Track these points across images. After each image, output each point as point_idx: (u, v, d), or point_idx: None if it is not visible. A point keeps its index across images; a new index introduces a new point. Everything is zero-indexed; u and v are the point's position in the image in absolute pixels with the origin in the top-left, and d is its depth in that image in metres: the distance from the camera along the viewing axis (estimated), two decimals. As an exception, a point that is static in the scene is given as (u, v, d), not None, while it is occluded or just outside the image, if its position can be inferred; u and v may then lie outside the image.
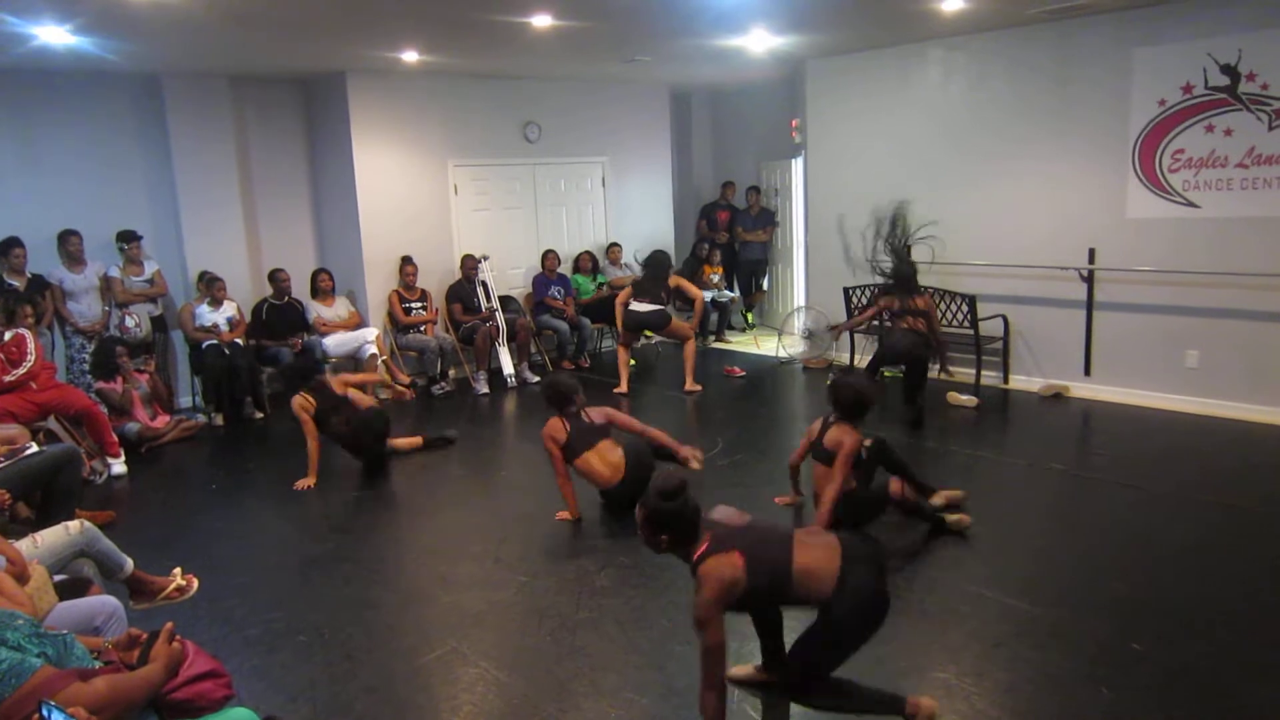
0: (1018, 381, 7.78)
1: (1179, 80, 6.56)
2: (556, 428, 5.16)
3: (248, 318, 7.95)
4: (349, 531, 5.21)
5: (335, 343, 8.07)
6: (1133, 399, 7.03)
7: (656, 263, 8.20)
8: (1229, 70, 6.32)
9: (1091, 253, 7.15)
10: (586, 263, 9.76)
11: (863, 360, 8.63)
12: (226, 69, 7.82)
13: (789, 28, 6.96)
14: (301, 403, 6.04)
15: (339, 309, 8.37)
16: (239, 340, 7.69)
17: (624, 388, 8.02)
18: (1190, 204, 6.62)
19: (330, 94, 8.37)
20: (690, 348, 8.15)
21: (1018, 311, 7.69)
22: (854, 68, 8.45)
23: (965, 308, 7.62)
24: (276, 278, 8.01)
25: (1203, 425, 6.46)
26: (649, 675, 3.52)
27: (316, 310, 8.23)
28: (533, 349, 9.09)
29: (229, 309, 7.77)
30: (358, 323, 8.38)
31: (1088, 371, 7.34)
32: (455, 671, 3.60)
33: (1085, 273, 7.20)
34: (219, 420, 7.57)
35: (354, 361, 8.27)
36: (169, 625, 2.57)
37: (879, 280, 7.23)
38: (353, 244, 8.54)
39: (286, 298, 8.04)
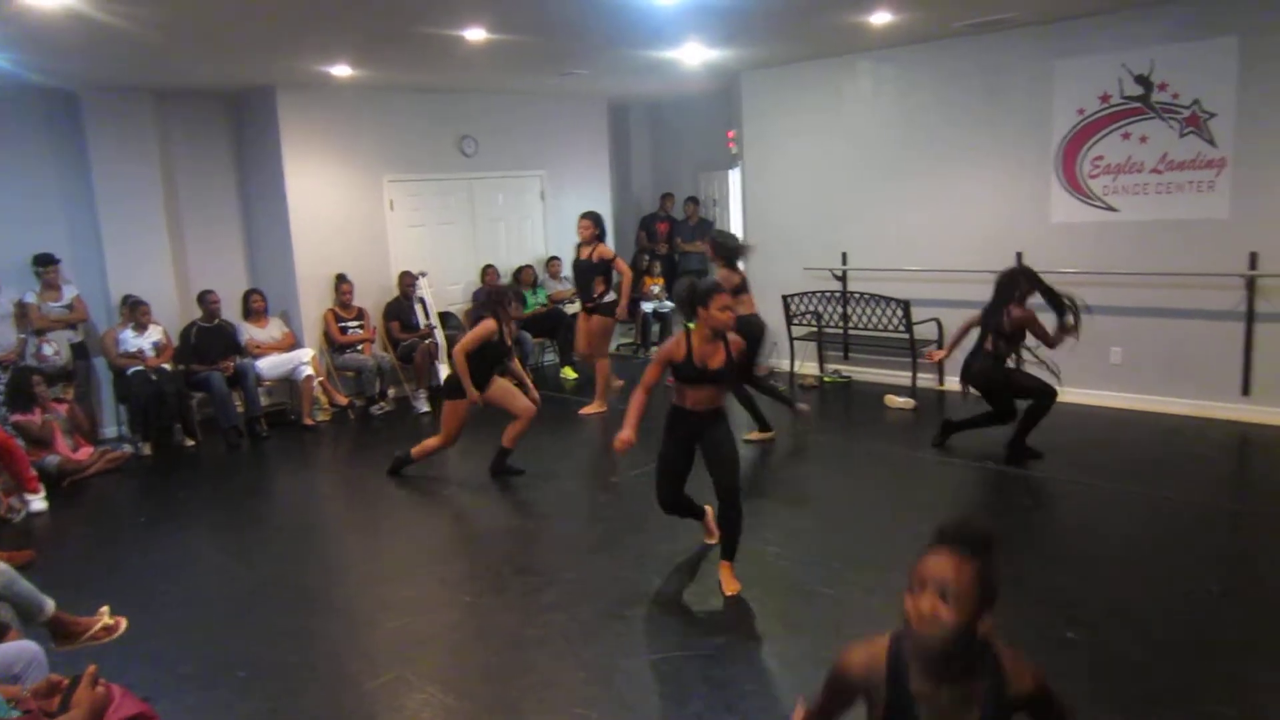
0: (952, 383, 7.92)
1: (1097, 90, 6.78)
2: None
3: (175, 342, 7.74)
4: (287, 559, 5.09)
5: (269, 365, 7.91)
6: (1061, 395, 7.21)
7: None
8: (1143, 80, 6.56)
9: (1019, 256, 7.32)
10: (528, 277, 9.72)
11: (804, 367, 8.74)
12: (149, 84, 7.62)
13: (723, 41, 7.03)
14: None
15: (272, 330, 8.20)
16: (166, 366, 7.48)
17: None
18: (1110, 208, 6.84)
19: (260, 109, 8.21)
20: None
21: (951, 315, 7.84)
22: (788, 79, 8.57)
23: (899, 312, 7.76)
24: (206, 299, 7.82)
25: (1127, 418, 6.67)
26: (597, 690, 3.50)
27: (249, 332, 8.05)
28: (473, 365, 8.99)
29: (155, 333, 7.55)
30: (292, 343, 8.21)
31: (1019, 373, 7.52)
32: (402, 698, 3.54)
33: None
34: (147, 450, 7.33)
35: (289, 384, 8.11)
36: (91, 668, 2.45)
37: (823, 289, 7.31)
38: (285, 263, 8.38)
39: (217, 320, 7.84)
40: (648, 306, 10.36)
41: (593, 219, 7.57)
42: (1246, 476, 5.87)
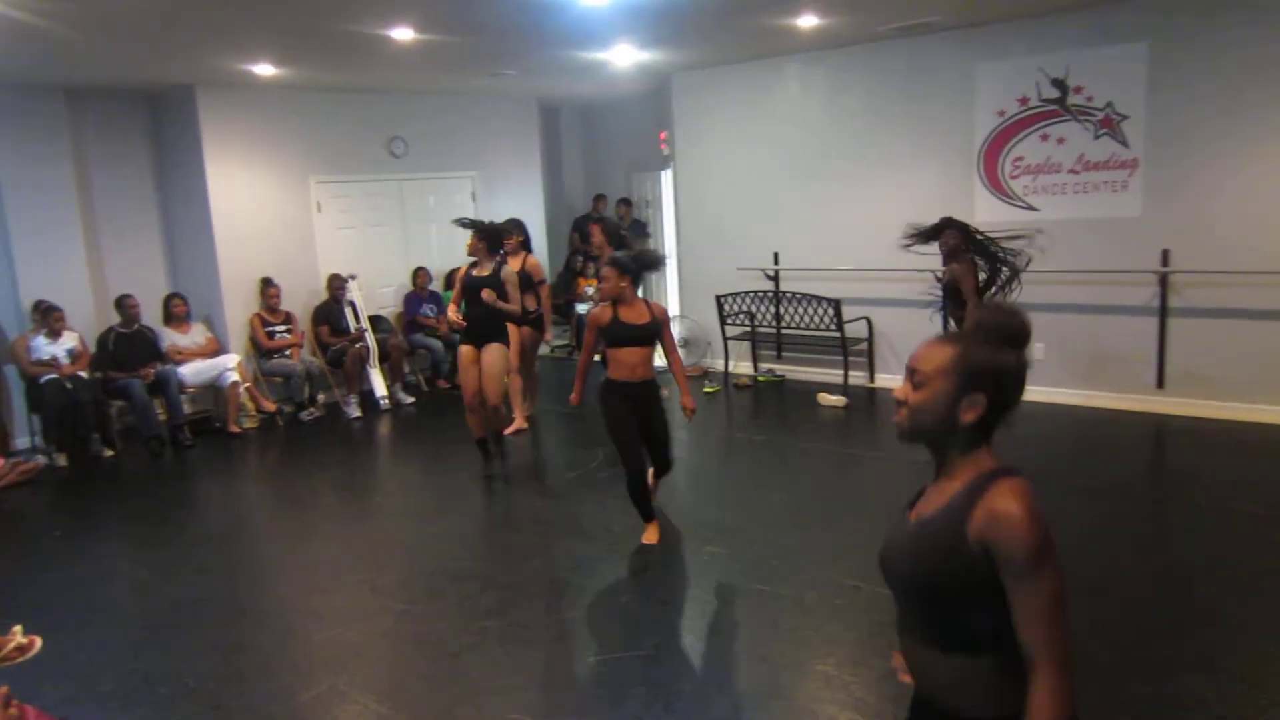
0: (883, 380, 8.07)
1: (1016, 93, 6.97)
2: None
3: (92, 348, 7.47)
4: (212, 571, 4.95)
5: (192, 371, 7.68)
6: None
7: None
8: (1059, 84, 6.76)
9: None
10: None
11: (738, 366, 8.82)
12: (60, 81, 7.35)
13: (653, 43, 7.05)
14: None
15: (195, 335, 7.97)
16: (82, 373, 7.20)
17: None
18: (1030, 207, 7.04)
19: (179, 108, 7.97)
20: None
21: (880, 313, 8.00)
22: (718, 81, 8.63)
23: (831, 311, 7.87)
24: (124, 304, 7.55)
25: (1051, 412, 6.86)
26: (534, 695, 3.48)
27: (170, 338, 7.80)
28: (406, 369, 8.88)
29: (69, 340, 7.28)
30: (216, 349, 7.99)
31: (947, 369, 7.68)
32: (334, 710, 3.46)
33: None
34: (62, 460, 7.04)
35: (214, 390, 7.89)
36: (2, 690, 2.35)
37: (756, 289, 7.35)
38: (208, 266, 8.15)
39: (136, 325, 7.59)
40: (582, 308, 10.32)
41: (517, 227, 7.30)
42: (1163, 465, 6.08)
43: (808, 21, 6.42)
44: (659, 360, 4.93)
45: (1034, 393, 7.24)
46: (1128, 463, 5.91)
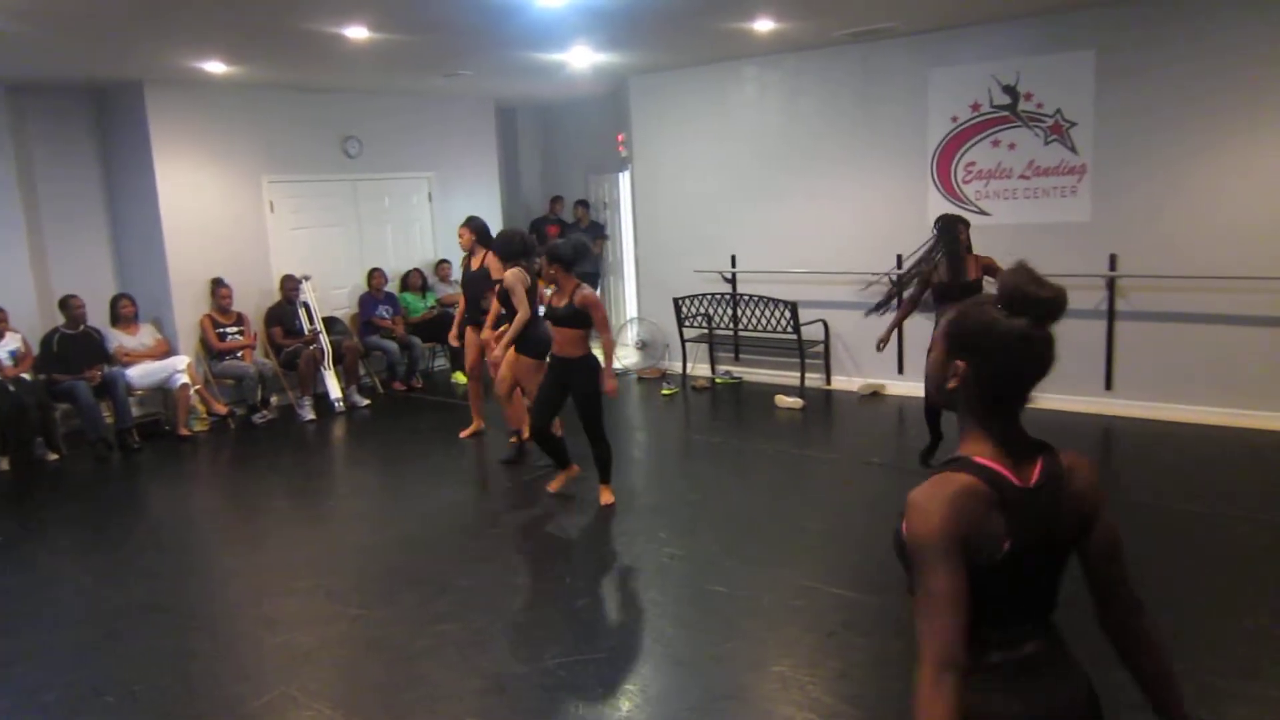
0: (839, 382, 8.15)
1: (968, 99, 7.08)
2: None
3: (36, 350, 7.29)
4: (160, 576, 4.85)
5: (140, 373, 7.52)
6: (942, 395, 7.51)
7: None
8: (1010, 90, 6.88)
9: (899, 259, 7.58)
10: (416, 280, 9.54)
11: (696, 368, 8.84)
12: (1, 75, 7.16)
13: (609, 45, 7.05)
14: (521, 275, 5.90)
15: (144, 337, 7.80)
16: (26, 375, 7.02)
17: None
18: (983, 212, 7.14)
19: (127, 105, 7.80)
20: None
21: (836, 316, 8.07)
22: (675, 84, 8.65)
23: (787, 314, 7.93)
24: (69, 305, 7.37)
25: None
26: (491, 700, 3.45)
27: (118, 339, 7.64)
28: (361, 371, 8.78)
29: (12, 341, 7.09)
30: (166, 351, 7.84)
31: (901, 370, 7.78)
32: (286, 717, 3.41)
33: (894, 278, 7.63)
34: (4, 465, 6.85)
35: (163, 393, 7.74)
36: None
37: (714, 291, 7.36)
38: (157, 266, 7.99)
39: (82, 326, 7.41)
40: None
41: (472, 226, 7.08)
42: (1109, 464, 6.21)
43: (764, 26, 6.46)
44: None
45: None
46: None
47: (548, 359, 5.48)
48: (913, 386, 7.66)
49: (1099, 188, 6.65)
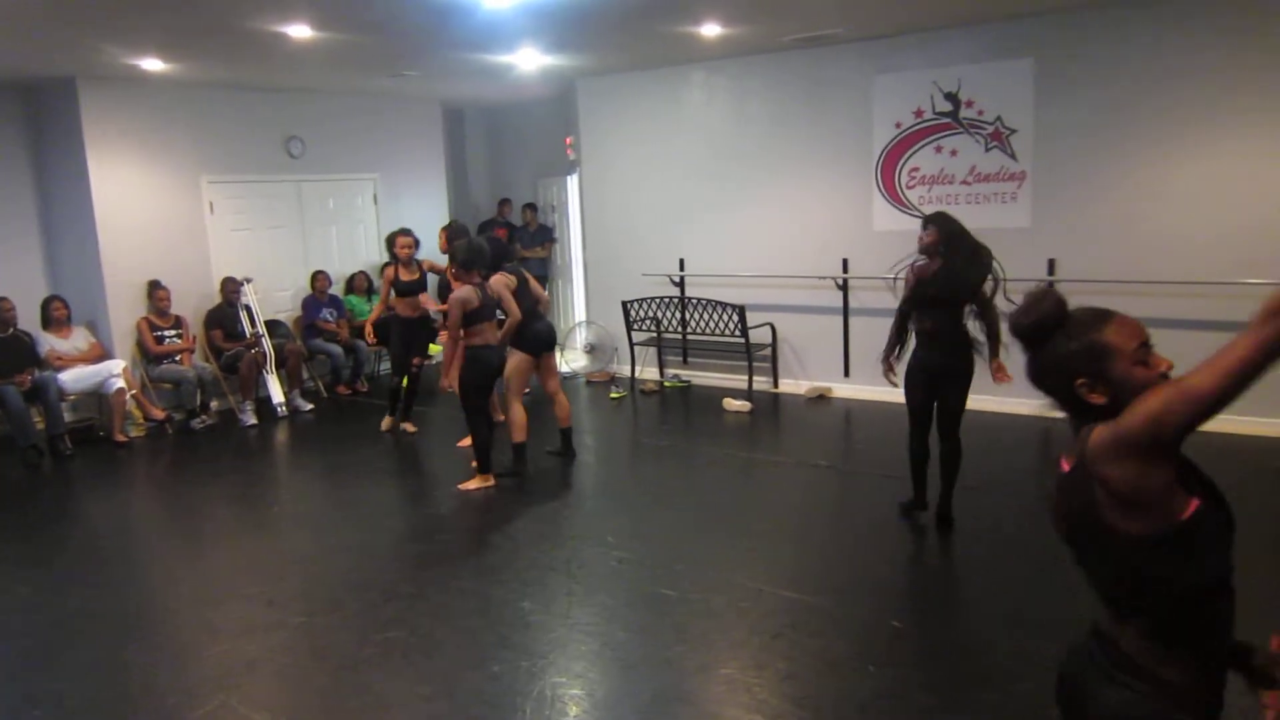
0: (786, 385, 8.22)
1: (912, 105, 7.20)
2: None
3: (-35, 354, 7.04)
4: (95, 586, 4.71)
5: (73, 378, 7.30)
6: (887, 396, 7.57)
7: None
8: (951, 97, 7.01)
9: (845, 263, 7.69)
10: (361, 283, 9.41)
11: (644, 372, 8.85)
12: (-72, 73, 6.92)
13: (557, 47, 7.04)
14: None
15: (77, 340, 7.58)
16: (-46, 379, 6.80)
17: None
18: (927, 217, 7.26)
19: (59, 102, 7.58)
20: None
21: (783, 319, 8.15)
22: (623, 87, 8.66)
23: (735, 317, 7.98)
24: (-2, 307, 7.15)
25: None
26: (439, 706, 3.42)
27: (49, 343, 7.41)
28: (305, 375, 8.64)
29: (-59, 344, 6.85)
30: (100, 354, 7.62)
31: (847, 373, 7.87)
32: (226, 726, 3.33)
33: (840, 281, 7.74)
34: (-68, 471, 6.65)
35: (98, 398, 7.53)
36: None
37: (662, 295, 7.38)
38: (91, 268, 7.77)
39: (11, 329, 7.18)
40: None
41: (457, 231, 6.94)
42: (1049, 469, 6.34)
43: (711, 30, 6.50)
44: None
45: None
46: (1016, 462, 6.15)
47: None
48: (858, 389, 7.76)
49: (1038, 194, 6.80)
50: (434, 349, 9.38)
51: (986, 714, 3.24)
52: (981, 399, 7.20)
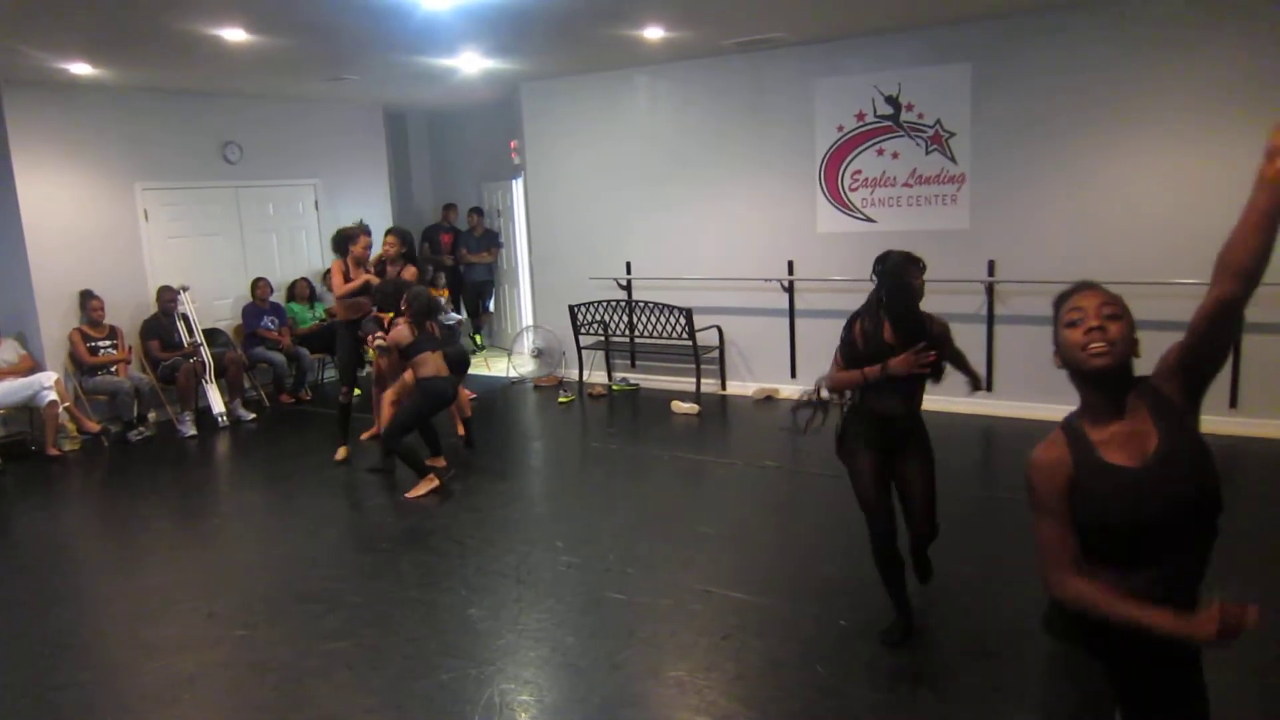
0: (734, 387, 8.27)
1: (853, 109, 7.29)
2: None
3: (-114, 367, 6.79)
4: (28, 604, 4.56)
5: (3, 391, 7.07)
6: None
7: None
8: (892, 101, 7.12)
9: (790, 265, 7.76)
10: (303, 290, 9.26)
11: (592, 375, 8.83)
12: None
13: (499, 51, 7.00)
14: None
15: (6, 353, 7.34)
16: (-125, 394, 6.54)
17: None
18: (869, 219, 7.36)
19: (-17, 108, 7.36)
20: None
21: (730, 322, 8.19)
22: (568, 91, 8.65)
23: (682, 320, 8.00)
24: (-77, 319, 6.90)
25: (891, 417, 7.18)
26: (386, 716, 3.36)
27: (-23, 355, 7.18)
28: (246, 384, 8.47)
29: None
30: (31, 367, 7.39)
31: (794, 374, 7.94)
32: (163, 745, 3.25)
33: (786, 284, 7.80)
34: None
35: (29, 411, 7.30)
36: None
37: (609, 298, 7.37)
38: (20, 279, 7.54)
39: (-63, 342, 6.95)
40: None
41: (400, 235, 6.75)
42: (991, 463, 6.47)
43: (653, 34, 6.52)
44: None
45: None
46: (958, 461, 6.24)
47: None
48: (804, 389, 7.81)
49: (977, 196, 6.93)
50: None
51: (931, 712, 3.29)
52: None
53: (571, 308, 8.62)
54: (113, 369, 7.70)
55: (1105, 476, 1.84)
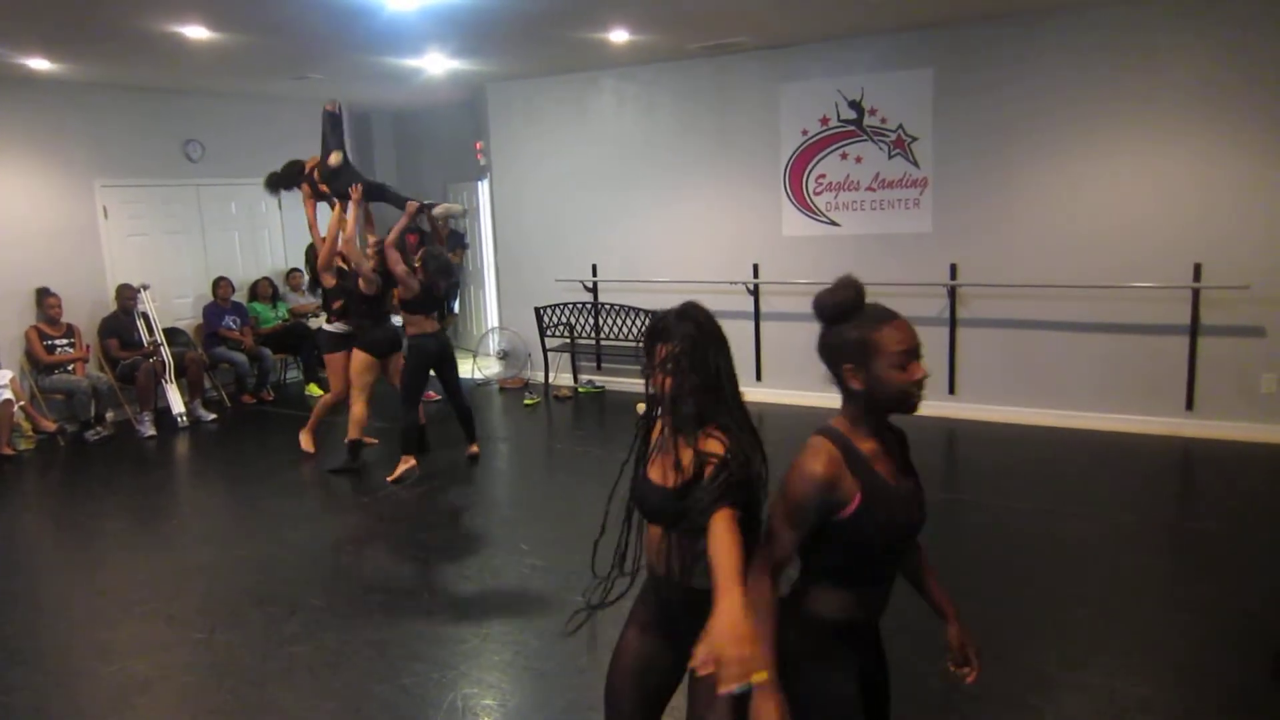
0: (700, 390, 8.28)
1: (817, 113, 7.35)
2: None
3: None
4: (-20, 608, 4.48)
5: (-44, 390, 6.94)
6: (797, 399, 7.74)
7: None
8: (855, 105, 7.19)
9: (755, 268, 7.81)
10: (266, 290, 9.16)
11: (558, 378, 8.83)
12: None
13: (464, 52, 6.98)
14: None
15: (-40, 351, 7.21)
16: None
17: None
18: (833, 223, 7.43)
19: (-63, 103, 7.21)
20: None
21: (696, 324, 8.20)
22: (534, 92, 8.64)
23: (648, 322, 8.00)
24: (-128, 317, 6.75)
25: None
26: (346, 720, 3.35)
27: (-71, 354, 7.03)
28: (207, 384, 8.37)
29: None
30: (-14, 365, 7.26)
31: (759, 377, 7.99)
32: (119, 751, 3.20)
33: (751, 286, 7.85)
34: None
35: (-18, 411, 7.16)
36: None
37: (575, 300, 7.34)
38: (-25, 276, 7.40)
39: (-113, 340, 6.80)
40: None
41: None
42: (954, 466, 6.55)
43: (619, 36, 6.53)
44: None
45: (836, 401, 7.61)
46: (920, 464, 6.31)
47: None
48: (770, 393, 7.88)
49: (940, 200, 7.01)
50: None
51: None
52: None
53: (537, 309, 8.61)
54: (70, 368, 7.58)
55: (886, 494, 1.92)
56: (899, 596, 2.13)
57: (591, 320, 8.56)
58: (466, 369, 9.55)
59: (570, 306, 8.58)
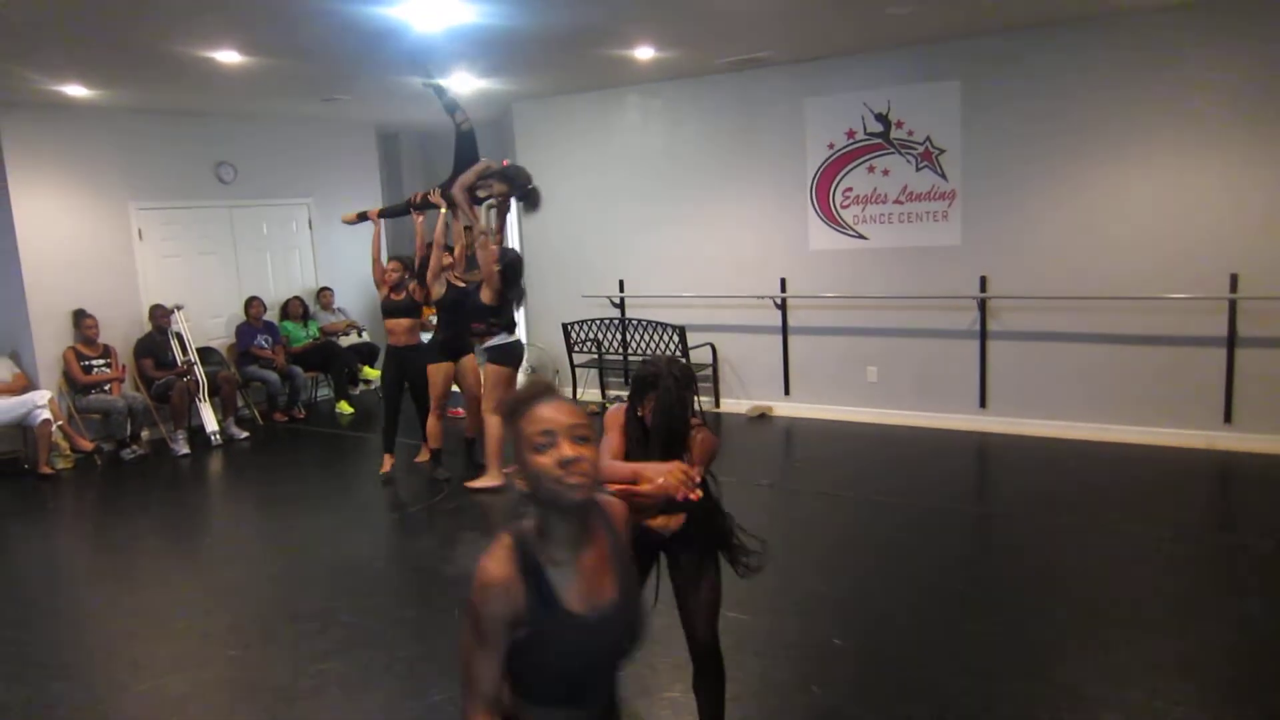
0: (728, 405, 8.28)
1: (843, 126, 7.33)
2: None
3: (-122, 388, 6.77)
4: (18, 624, 4.54)
5: (-4, 410, 7.07)
6: (826, 414, 7.70)
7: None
8: (882, 118, 7.17)
9: (783, 282, 7.79)
10: (297, 309, 9.27)
11: (586, 394, 8.84)
12: None
13: (491, 71, 7.05)
14: None
15: (0, 371, 7.35)
16: None
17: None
18: (860, 236, 7.40)
19: (-22, 129, 7.38)
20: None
21: (723, 339, 8.21)
22: (560, 110, 8.69)
23: (675, 338, 8.02)
24: (-84, 339, 6.90)
25: (884, 433, 7.20)
26: (377, 738, 3.35)
27: (-30, 375, 7.17)
28: (240, 402, 8.46)
29: None
30: (25, 385, 7.38)
31: (787, 391, 7.95)
32: (154, 768, 3.23)
33: (779, 301, 7.83)
34: None
35: (22, 430, 7.28)
36: None
37: (603, 316, 7.35)
38: (15, 298, 7.54)
39: (-70, 362, 6.94)
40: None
41: (401, 260, 7.02)
42: (986, 481, 6.48)
43: (644, 54, 6.57)
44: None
45: (865, 414, 7.61)
46: (952, 479, 6.25)
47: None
48: (799, 407, 7.85)
49: (968, 212, 6.96)
50: (371, 373, 9.29)
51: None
52: (916, 415, 7.34)
53: (565, 326, 8.64)
54: (106, 388, 7.69)
55: (564, 623, 1.65)
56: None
57: (619, 336, 8.57)
58: (495, 385, 9.59)
59: (597, 322, 8.60)
